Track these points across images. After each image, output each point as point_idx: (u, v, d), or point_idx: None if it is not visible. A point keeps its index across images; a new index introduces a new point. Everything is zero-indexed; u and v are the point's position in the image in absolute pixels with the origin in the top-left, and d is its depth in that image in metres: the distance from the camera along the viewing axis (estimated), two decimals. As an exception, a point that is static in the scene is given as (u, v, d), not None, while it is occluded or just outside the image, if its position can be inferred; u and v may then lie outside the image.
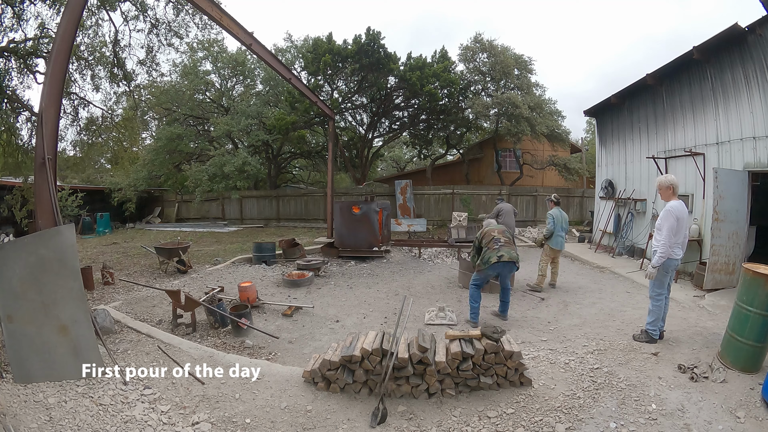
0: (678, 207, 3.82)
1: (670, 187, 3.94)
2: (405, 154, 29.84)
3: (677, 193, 3.96)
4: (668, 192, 3.95)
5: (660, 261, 3.81)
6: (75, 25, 3.90)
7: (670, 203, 3.88)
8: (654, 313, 3.96)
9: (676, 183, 3.95)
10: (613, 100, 9.85)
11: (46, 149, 3.54)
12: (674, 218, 3.77)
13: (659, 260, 3.81)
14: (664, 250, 3.78)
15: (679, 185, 3.99)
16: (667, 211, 3.82)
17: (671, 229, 3.77)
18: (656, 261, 3.83)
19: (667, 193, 3.97)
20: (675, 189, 3.94)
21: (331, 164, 11.69)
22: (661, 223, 3.87)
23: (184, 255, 7.67)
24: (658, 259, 3.82)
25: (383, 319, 5.05)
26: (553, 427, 2.67)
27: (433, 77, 14.24)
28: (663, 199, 4.03)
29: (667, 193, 3.96)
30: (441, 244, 9.51)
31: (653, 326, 3.97)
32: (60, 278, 3.28)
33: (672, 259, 3.87)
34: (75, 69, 9.56)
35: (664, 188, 3.99)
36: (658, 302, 3.96)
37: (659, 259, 3.81)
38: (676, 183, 3.95)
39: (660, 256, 3.80)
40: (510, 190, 15.66)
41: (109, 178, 18.50)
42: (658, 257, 3.81)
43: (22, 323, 3.16)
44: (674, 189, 3.93)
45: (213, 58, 17.43)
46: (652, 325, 3.98)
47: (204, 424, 2.73)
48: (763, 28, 5.73)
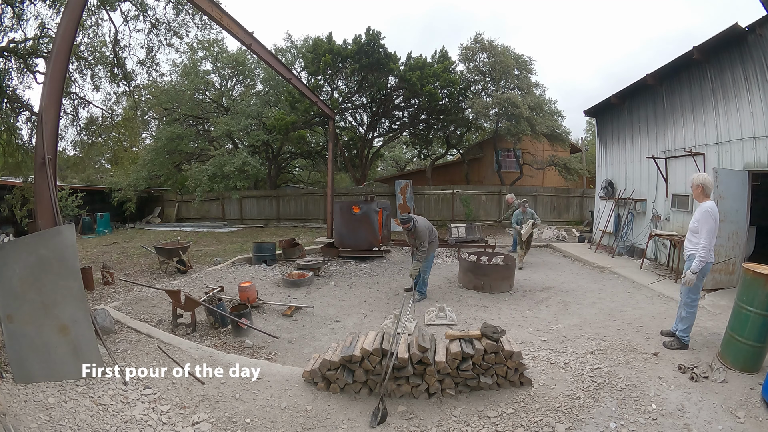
0: (714, 208, 3.64)
1: (699, 186, 3.74)
2: (405, 154, 29.83)
3: (709, 193, 3.76)
4: (698, 191, 3.77)
5: (701, 265, 3.61)
6: (75, 25, 3.90)
7: (705, 204, 3.67)
8: (688, 320, 3.78)
9: (708, 182, 3.73)
10: (613, 100, 9.85)
11: (46, 149, 3.54)
12: (713, 219, 3.58)
13: (699, 265, 3.60)
14: (705, 254, 3.57)
15: (711, 185, 3.76)
16: (706, 212, 3.60)
17: (711, 232, 3.57)
18: (696, 266, 3.62)
19: (696, 193, 3.78)
20: (706, 189, 3.72)
21: (331, 164, 11.68)
22: (698, 225, 3.65)
23: (184, 255, 7.67)
24: (698, 263, 3.60)
25: (383, 319, 5.05)
26: (553, 427, 2.67)
27: (433, 77, 14.24)
28: (696, 199, 3.83)
29: (697, 193, 3.78)
30: (441, 244, 9.50)
31: (686, 333, 3.81)
32: (60, 278, 3.28)
33: (709, 262, 3.68)
34: (75, 69, 9.57)
35: (693, 187, 3.81)
36: (693, 308, 3.79)
37: (700, 263, 3.60)
38: (708, 182, 3.73)
39: (701, 260, 3.59)
40: (510, 190, 15.65)
41: (109, 178, 18.51)
42: (699, 261, 3.60)
43: (22, 323, 3.16)
44: (704, 188, 3.72)
45: (213, 58, 17.43)
46: (685, 331, 3.80)
47: (204, 424, 2.73)
48: (763, 28, 5.73)
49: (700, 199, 3.78)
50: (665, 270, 7.35)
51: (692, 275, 3.65)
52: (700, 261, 3.60)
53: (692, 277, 3.66)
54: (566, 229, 13.56)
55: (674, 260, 7.16)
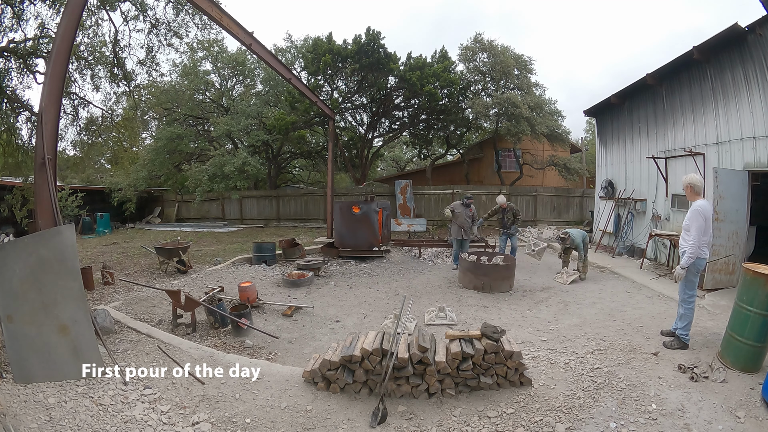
0: (705, 206, 3.77)
1: (688, 186, 3.90)
2: (405, 154, 29.83)
3: (700, 192, 3.90)
4: (688, 191, 3.92)
5: (689, 261, 3.74)
6: (75, 25, 3.90)
7: (697, 202, 3.80)
8: (686, 317, 3.85)
9: (696, 182, 3.88)
10: (613, 100, 9.85)
11: (46, 149, 3.54)
12: (702, 218, 3.70)
13: (688, 260, 3.74)
14: (693, 251, 3.71)
15: (701, 184, 3.90)
16: (695, 211, 3.74)
17: (700, 229, 3.70)
18: (685, 261, 3.76)
19: (687, 193, 3.94)
20: (695, 188, 3.87)
21: (331, 164, 11.68)
22: (689, 224, 3.79)
23: (184, 255, 7.67)
24: (687, 259, 3.74)
25: (383, 319, 5.05)
26: (553, 427, 2.67)
27: (433, 77, 14.24)
28: (688, 198, 3.97)
29: (688, 192, 3.93)
30: (441, 244, 9.51)
31: (685, 330, 3.85)
32: (60, 278, 3.28)
33: (701, 258, 3.80)
34: (75, 69, 9.56)
35: (684, 188, 3.97)
36: (690, 305, 3.87)
37: (688, 259, 3.73)
38: (696, 182, 3.88)
39: (689, 257, 3.73)
40: (510, 190, 15.66)
41: (109, 178, 18.49)
42: (687, 257, 3.74)
43: (22, 323, 3.16)
44: (693, 187, 3.87)
45: (213, 58, 17.42)
46: (684, 329, 3.86)
47: (204, 424, 2.73)
48: (763, 28, 5.73)
49: (692, 198, 3.92)
50: (665, 270, 7.35)
51: (681, 270, 3.79)
52: (688, 257, 3.74)
53: (681, 272, 3.79)
54: (566, 229, 13.55)
55: (674, 260, 7.16)
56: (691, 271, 3.82)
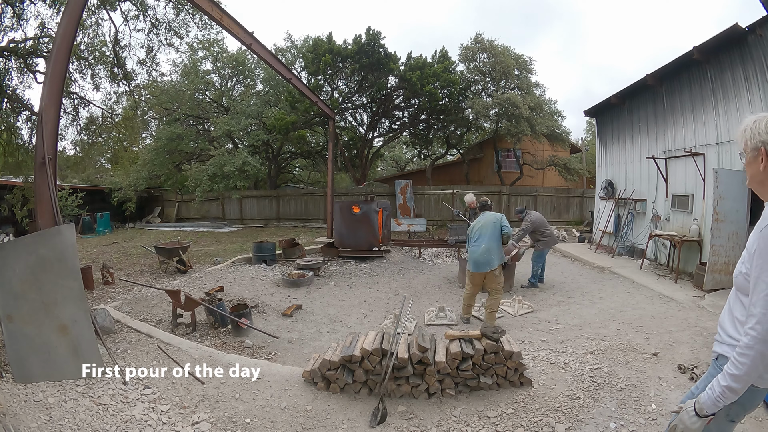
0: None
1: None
2: (405, 154, 29.82)
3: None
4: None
5: (733, 388, 1.27)
6: (75, 25, 3.90)
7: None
8: None
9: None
10: (613, 100, 9.84)
11: (46, 149, 3.54)
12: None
13: (732, 386, 1.28)
14: (754, 361, 1.26)
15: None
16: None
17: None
18: (720, 391, 1.31)
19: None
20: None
21: (331, 164, 11.68)
22: (759, 273, 1.30)
23: (184, 255, 7.67)
24: (728, 383, 1.30)
25: (383, 319, 5.05)
26: (553, 427, 2.67)
27: (433, 77, 14.24)
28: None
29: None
30: (441, 244, 9.51)
31: None
32: (60, 278, 3.28)
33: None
34: (75, 68, 9.54)
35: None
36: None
37: (733, 382, 1.30)
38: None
39: (737, 376, 1.33)
40: (510, 190, 15.67)
41: (109, 177, 18.50)
42: (732, 379, 1.27)
43: (22, 323, 3.16)
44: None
45: (213, 58, 17.43)
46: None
47: (204, 423, 2.73)
48: (763, 28, 5.72)
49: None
50: (665, 270, 7.35)
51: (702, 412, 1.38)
52: (735, 377, 1.31)
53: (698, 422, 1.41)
54: (566, 230, 13.56)
55: (674, 260, 7.16)
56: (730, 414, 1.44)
